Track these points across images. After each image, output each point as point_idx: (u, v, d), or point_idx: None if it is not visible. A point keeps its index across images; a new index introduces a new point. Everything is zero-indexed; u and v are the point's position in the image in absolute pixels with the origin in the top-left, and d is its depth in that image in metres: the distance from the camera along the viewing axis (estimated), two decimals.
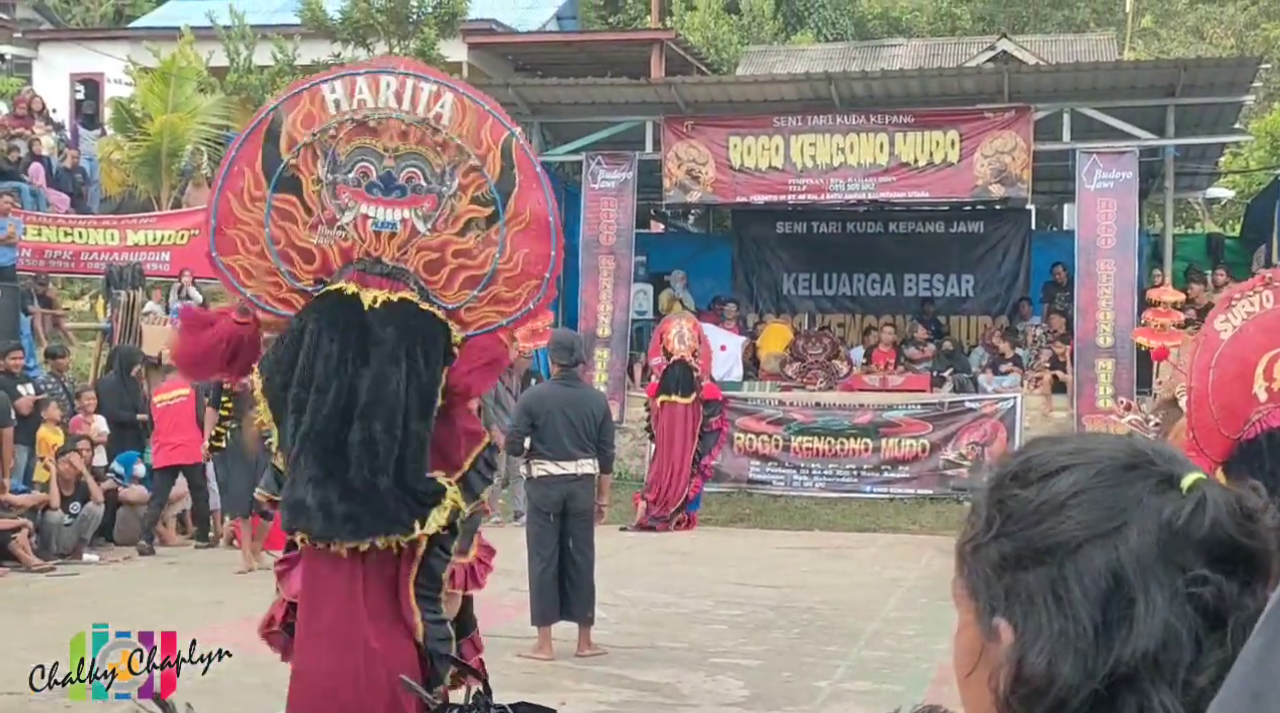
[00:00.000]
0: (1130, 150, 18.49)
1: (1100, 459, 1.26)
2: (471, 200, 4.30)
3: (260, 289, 4.43)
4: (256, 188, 4.41)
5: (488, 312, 4.31)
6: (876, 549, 14.74)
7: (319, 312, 4.30)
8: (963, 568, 1.30)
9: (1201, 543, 1.19)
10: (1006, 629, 1.23)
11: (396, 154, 4.33)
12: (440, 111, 4.33)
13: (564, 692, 8.23)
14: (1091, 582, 1.20)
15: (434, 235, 4.31)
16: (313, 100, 4.40)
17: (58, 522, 13.84)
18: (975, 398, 18.86)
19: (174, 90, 23.74)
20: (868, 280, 23.28)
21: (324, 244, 4.35)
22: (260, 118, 4.55)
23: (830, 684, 8.77)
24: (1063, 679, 1.17)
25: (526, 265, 4.28)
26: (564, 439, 9.64)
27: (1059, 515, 1.23)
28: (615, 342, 19.70)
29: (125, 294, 17.81)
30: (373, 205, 4.33)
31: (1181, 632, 1.17)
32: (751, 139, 19.46)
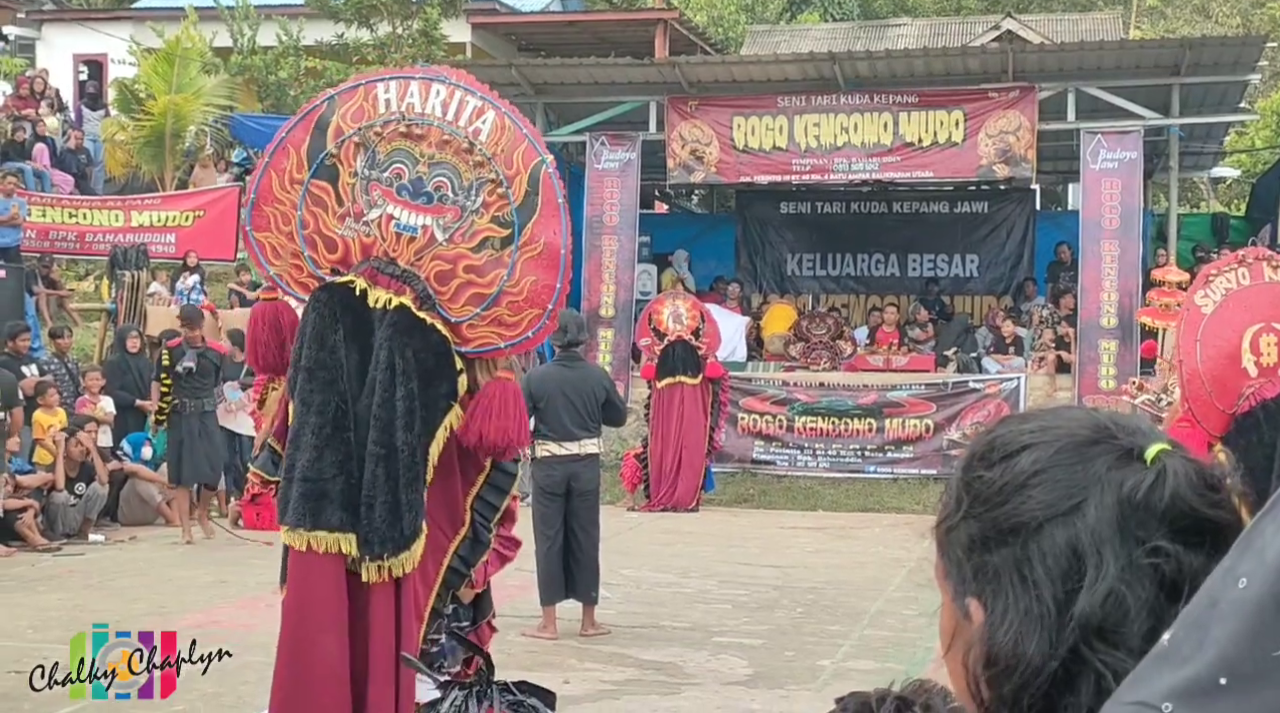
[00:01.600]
0: (1135, 130, 18.44)
1: (1060, 436, 1.26)
2: (492, 219, 4.32)
3: (283, 269, 4.49)
4: (298, 170, 4.48)
5: (488, 332, 4.31)
6: (880, 529, 14.77)
7: (325, 300, 4.31)
8: (940, 549, 1.32)
9: (1163, 515, 1.19)
10: (977, 609, 1.24)
11: (431, 161, 4.37)
12: (480, 127, 4.38)
13: (567, 670, 8.27)
14: (1054, 561, 1.20)
15: (450, 247, 4.34)
16: (366, 96, 4.47)
17: (63, 502, 13.89)
18: (979, 378, 18.86)
19: (178, 71, 23.75)
20: (872, 261, 23.27)
21: (348, 236, 4.39)
22: (315, 104, 4.64)
23: (833, 663, 8.80)
24: (1027, 659, 1.18)
25: (532, 293, 4.29)
26: (565, 420, 9.66)
27: (1021, 495, 1.24)
28: (619, 322, 19.69)
29: (130, 275, 17.84)
30: (399, 207, 4.37)
31: (1131, 600, 1.17)
32: (755, 119, 19.43)
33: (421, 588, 4.24)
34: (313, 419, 4.26)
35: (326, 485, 4.22)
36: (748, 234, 23.53)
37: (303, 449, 4.27)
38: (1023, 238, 22.59)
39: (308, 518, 4.23)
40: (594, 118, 20.18)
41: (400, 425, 4.17)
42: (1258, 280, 5.91)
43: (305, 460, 4.26)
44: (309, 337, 4.32)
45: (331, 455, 4.23)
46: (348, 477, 4.24)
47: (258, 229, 4.53)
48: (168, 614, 10.07)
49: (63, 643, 8.84)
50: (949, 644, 1.30)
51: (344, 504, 4.22)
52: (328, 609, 4.22)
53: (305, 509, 4.24)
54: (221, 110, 24.98)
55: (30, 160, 22.46)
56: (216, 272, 21.48)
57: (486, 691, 3.60)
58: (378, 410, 4.22)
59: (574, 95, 20.58)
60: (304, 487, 4.25)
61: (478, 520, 4.36)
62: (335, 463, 4.24)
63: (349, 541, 4.20)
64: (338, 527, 4.21)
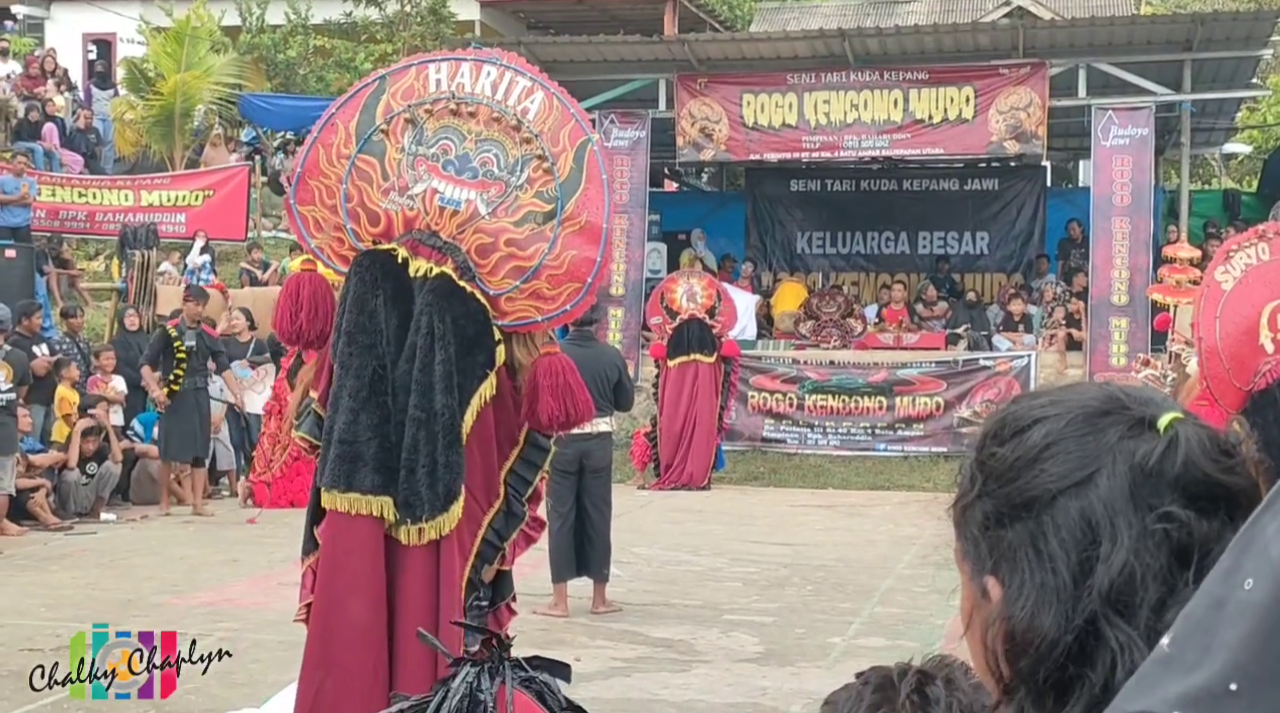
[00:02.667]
0: (1146, 106, 18.36)
1: (1072, 409, 1.25)
2: (535, 194, 4.37)
3: (326, 242, 4.55)
4: (346, 145, 4.54)
5: (526, 305, 4.35)
6: (890, 507, 14.77)
7: (367, 266, 4.36)
8: (957, 529, 1.31)
9: (1175, 482, 1.19)
10: (995, 586, 1.24)
11: (479, 138, 4.42)
12: (528, 106, 4.45)
13: (578, 648, 8.28)
14: (1068, 533, 1.19)
15: (493, 221, 4.38)
16: (418, 76, 4.56)
17: (75, 481, 13.92)
18: (989, 356, 18.83)
19: (187, 50, 23.73)
20: (882, 238, 23.22)
21: (391, 210, 4.45)
22: (367, 82, 4.72)
23: (844, 641, 8.81)
24: (1043, 633, 1.18)
25: (572, 267, 4.33)
26: None
27: (1033, 470, 1.23)
28: (629, 301, 19.69)
29: (140, 254, 17.85)
30: (444, 182, 4.43)
31: (1147, 570, 1.16)
32: (765, 96, 19.37)
33: (459, 558, 4.27)
34: (350, 382, 4.32)
35: (361, 448, 4.27)
36: (758, 212, 23.49)
37: (340, 412, 4.33)
38: (1033, 215, 22.53)
39: (342, 480, 4.29)
40: (603, 95, 20.12)
41: (439, 389, 4.23)
42: (1277, 255, 5.88)
43: (342, 423, 4.31)
44: (350, 301, 4.37)
45: (367, 418, 4.28)
46: (383, 440, 4.28)
47: (302, 203, 4.59)
48: (180, 593, 10.11)
49: (76, 622, 8.90)
50: (968, 623, 1.29)
51: (378, 467, 4.27)
52: (359, 572, 4.27)
53: (340, 471, 4.30)
54: (230, 89, 24.96)
55: (40, 140, 22.47)
56: (226, 251, 21.49)
57: (499, 667, 3.61)
58: (418, 375, 4.27)
59: (583, 73, 20.50)
60: (340, 449, 4.30)
61: (511, 494, 4.39)
62: (371, 426, 4.28)
63: (383, 504, 4.26)
64: (371, 489, 4.26)
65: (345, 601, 4.26)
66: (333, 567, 4.32)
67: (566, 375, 4.39)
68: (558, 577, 9.44)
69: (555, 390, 4.35)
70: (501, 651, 3.63)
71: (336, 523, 4.30)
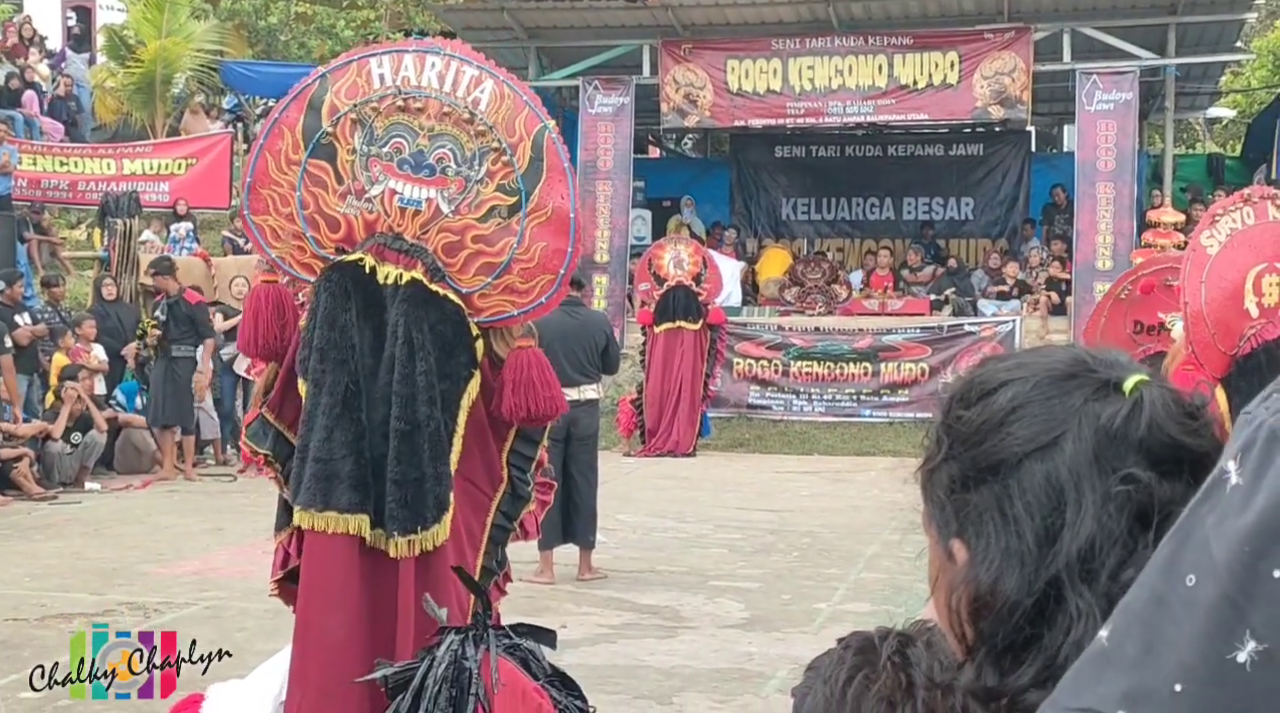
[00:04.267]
0: (1131, 71, 18.35)
1: (1038, 372, 1.25)
2: (497, 188, 4.29)
3: (286, 252, 4.43)
4: (294, 151, 4.42)
5: (500, 300, 4.30)
6: (875, 473, 14.80)
7: (335, 280, 4.28)
8: (924, 493, 1.31)
9: (1140, 444, 1.18)
10: (960, 549, 1.24)
11: (431, 134, 4.33)
12: (479, 96, 4.34)
13: (565, 615, 8.30)
14: (1033, 496, 1.19)
15: (456, 218, 4.30)
16: (359, 72, 4.42)
17: (59, 451, 13.89)
18: (974, 321, 18.85)
19: (167, 17, 23.56)
20: (866, 204, 23.22)
21: (350, 214, 4.35)
22: (306, 83, 4.57)
23: (829, 606, 8.84)
24: (1006, 595, 1.18)
25: (543, 258, 4.27)
26: (566, 366, 9.50)
27: (999, 433, 1.23)
28: (614, 267, 19.66)
29: (122, 223, 17.75)
30: (401, 181, 4.33)
31: (1108, 535, 1.16)
32: (749, 62, 19.31)
33: (470, 551, 4.24)
34: (324, 399, 4.23)
35: (336, 466, 4.19)
36: (742, 178, 23.45)
37: (315, 430, 4.23)
38: (1018, 180, 22.55)
39: (319, 498, 4.20)
40: (587, 62, 20.05)
41: (423, 400, 4.16)
42: (1262, 219, 5.87)
43: (317, 441, 4.23)
44: (320, 318, 4.27)
45: (341, 435, 4.20)
46: (358, 456, 4.21)
47: (255, 213, 4.47)
48: (165, 561, 10.10)
49: (61, 591, 8.91)
50: (934, 586, 1.30)
51: (355, 485, 4.19)
52: (336, 589, 4.21)
53: (316, 490, 4.21)
54: (211, 56, 24.80)
55: (20, 108, 22.31)
56: (209, 219, 21.40)
57: (483, 634, 3.60)
58: (398, 387, 4.19)
59: (566, 39, 20.43)
60: (315, 467, 4.22)
61: (515, 475, 4.36)
62: (345, 443, 4.21)
63: (360, 521, 4.19)
64: (347, 508, 4.19)
65: (321, 618, 4.21)
66: (310, 584, 4.25)
67: (531, 371, 4.32)
68: (543, 544, 9.40)
69: (517, 386, 4.29)
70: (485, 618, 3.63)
71: (313, 542, 4.23)
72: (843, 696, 1.40)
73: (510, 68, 22.25)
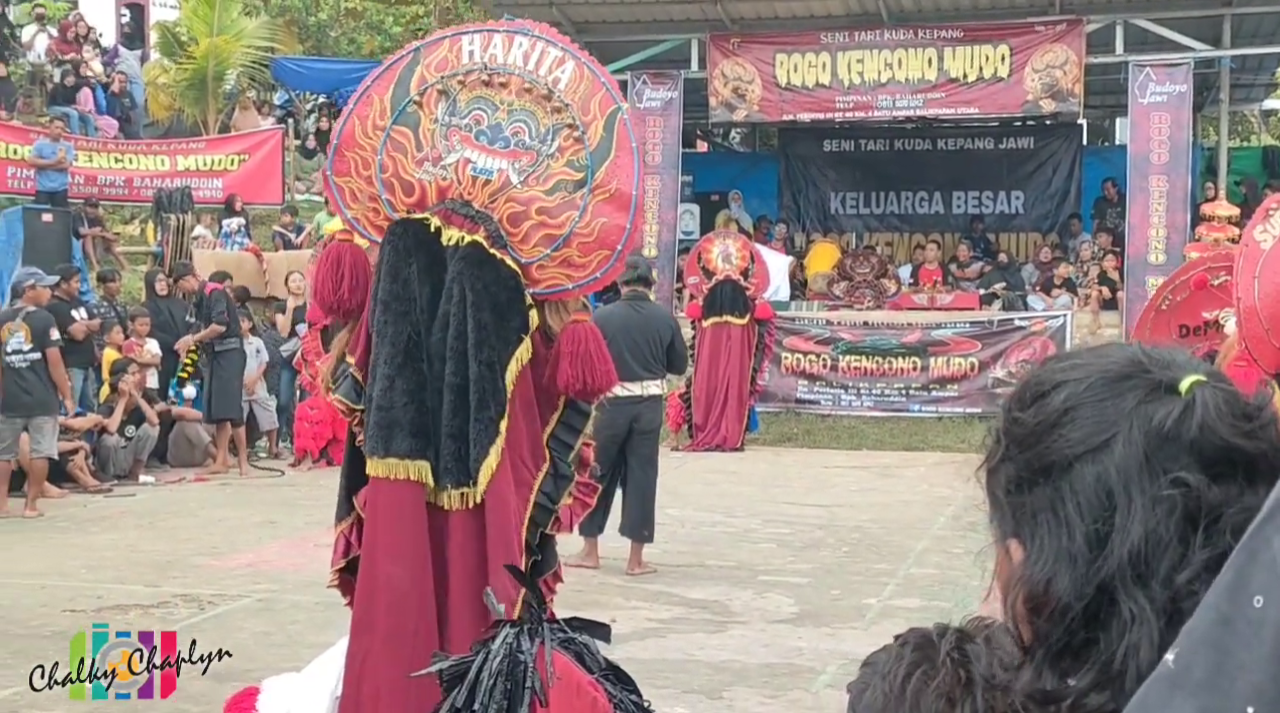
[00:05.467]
0: (1185, 62, 18.18)
1: (1093, 373, 1.25)
2: (566, 163, 4.42)
3: (361, 213, 4.61)
4: (381, 117, 4.60)
5: (557, 273, 4.40)
6: (925, 468, 14.75)
7: (400, 235, 4.42)
8: (986, 493, 1.32)
9: (1192, 446, 1.18)
10: (1017, 549, 1.25)
11: (510, 108, 4.48)
12: (559, 76, 4.49)
13: (614, 609, 8.32)
14: (1084, 498, 1.20)
15: (524, 189, 4.43)
16: (451, 48, 4.62)
17: (114, 444, 14.05)
18: (1024, 316, 18.73)
19: (219, 13, 23.72)
20: (916, 198, 23.11)
21: (425, 180, 4.51)
22: (401, 54, 4.78)
23: (879, 602, 8.81)
24: (1059, 596, 1.19)
25: (602, 234, 4.37)
26: (630, 361, 9.43)
27: (1053, 434, 1.24)
28: (662, 262, 19.66)
29: (175, 218, 17.93)
30: (477, 151, 4.48)
31: (1158, 539, 1.16)
32: (798, 56, 19.27)
33: (516, 521, 4.32)
34: (386, 349, 4.38)
35: (397, 414, 4.33)
36: (791, 172, 23.40)
37: (378, 379, 4.39)
38: (1069, 174, 22.36)
39: (380, 445, 4.35)
40: (635, 56, 20.06)
41: (473, 355, 4.29)
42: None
43: (379, 390, 4.38)
44: (384, 270, 4.42)
45: (403, 384, 4.34)
46: (419, 406, 4.34)
47: (338, 174, 4.66)
48: (219, 554, 10.20)
49: (117, 583, 9.02)
50: (998, 586, 1.31)
51: (414, 432, 4.33)
52: (401, 537, 4.34)
53: (379, 436, 4.36)
54: (262, 53, 24.97)
55: (75, 105, 22.56)
56: (260, 214, 21.56)
57: (538, 628, 3.63)
58: (453, 342, 4.32)
59: (615, 33, 20.44)
60: (378, 415, 4.37)
61: (556, 456, 4.43)
62: (406, 391, 4.34)
63: (420, 468, 4.32)
64: (407, 454, 4.32)
65: (387, 565, 4.33)
66: (374, 531, 4.38)
67: (589, 344, 4.42)
68: (587, 531, 9.41)
69: (575, 358, 4.38)
70: (540, 611, 3.66)
71: (377, 488, 4.36)
72: (901, 692, 1.41)
73: None
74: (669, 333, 9.92)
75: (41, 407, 12.29)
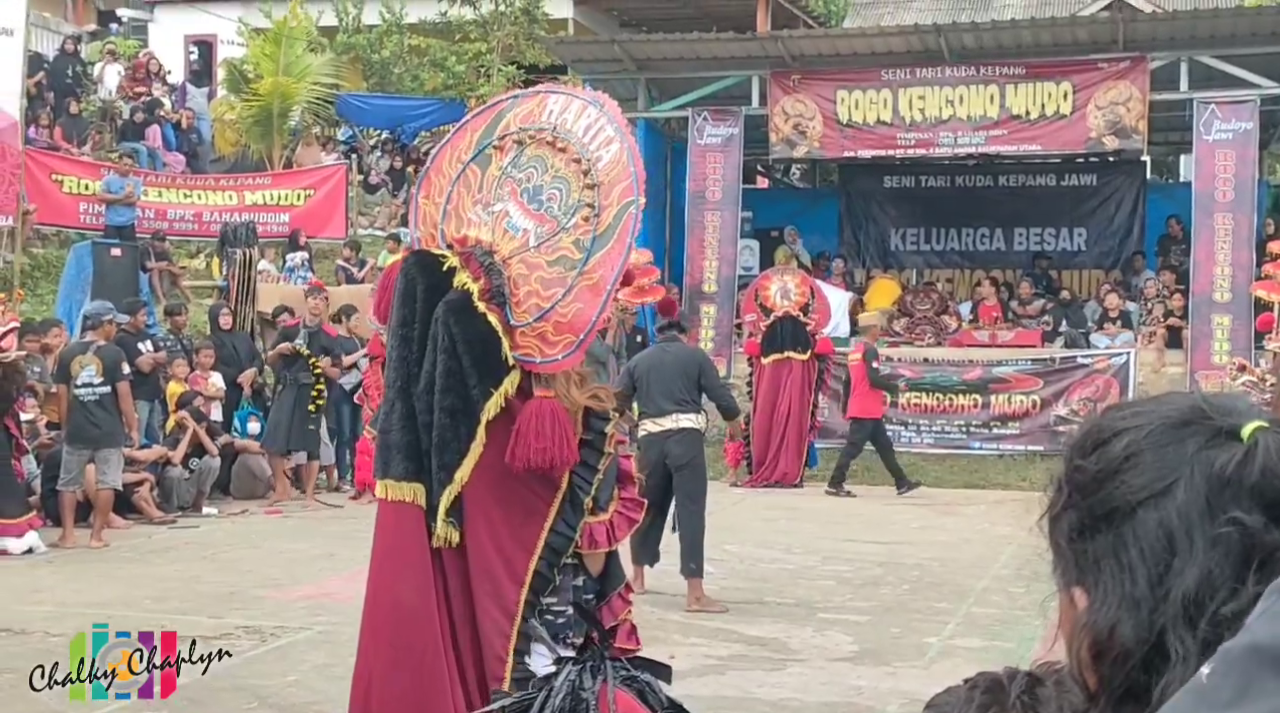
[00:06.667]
0: (1250, 99, 18.03)
1: (1154, 420, 1.26)
2: (573, 241, 4.48)
3: (424, 234, 4.75)
4: (465, 152, 4.76)
5: (531, 344, 4.42)
6: (985, 506, 14.63)
7: (414, 265, 4.52)
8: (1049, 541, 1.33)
9: (1253, 490, 1.19)
10: (1081, 597, 1.26)
11: (556, 174, 4.53)
12: (603, 155, 4.52)
13: (673, 645, 8.30)
14: (1147, 544, 1.21)
15: (536, 255, 4.49)
16: (539, 103, 4.74)
17: (178, 476, 14.19)
18: (1087, 353, 18.57)
19: (285, 51, 24.04)
20: (977, 235, 23.00)
21: (474, 220, 4.59)
22: (503, 97, 4.96)
23: (940, 640, 8.74)
24: (1122, 642, 1.20)
25: (575, 318, 4.39)
26: (658, 397, 9.94)
27: (1114, 481, 1.25)
28: (721, 298, 19.68)
29: (240, 252, 18.14)
30: (516, 206, 4.57)
31: (1214, 578, 1.17)
32: (859, 93, 19.26)
33: (519, 552, 4.33)
34: (391, 374, 4.55)
35: (395, 437, 4.46)
36: (851, 208, 23.37)
37: (383, 403, 4.58)
38: (1132, 211, 22.20)
39: (380, 467, 4.52)
40: (696, 93, 20.13)
41: (438, 400, 4.37)
42: None
43: (383, 414, 4.58)
44: (397, 298, 4.54)
45: (401, 408, 4.46)
46: (413, 431, 4.45)
47: (422, 194, 4.85)
48: (280, 586, 10.27)
49: (180, 614, 9.09)
50: (1063, 633, 1.32)
51: (409, 455, 4.45)
52: (406, 557, 4.42)
53: (379, 459, 4.54)
54: (327, 89, 25.26)
55: (144, 141, 22.93)
56: (323, 249, 21.78)
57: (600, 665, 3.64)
58: (428, 382, 4.43)
59: (676, 70, 20.53)
60: (380, 438, 4.58)
61: (577, 484, 4.44)
62: (402, 416, 4.46)
63: (415, 489, 4.43)
64: (403, 476, 4.43)
65: (392, 583, 4.42)
66: (379, 551, 4.49)
67: (545, 421, 4.35)
68: (636, 560, 9.71)
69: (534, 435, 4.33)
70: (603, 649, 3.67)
71: (381, 509, 4.49)
72: None
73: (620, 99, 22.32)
74: (696, 368, 10.14)
75: (108, 439, 12.46)
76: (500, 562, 4.29)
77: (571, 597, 4.30)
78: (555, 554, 4.37)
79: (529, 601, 4.22)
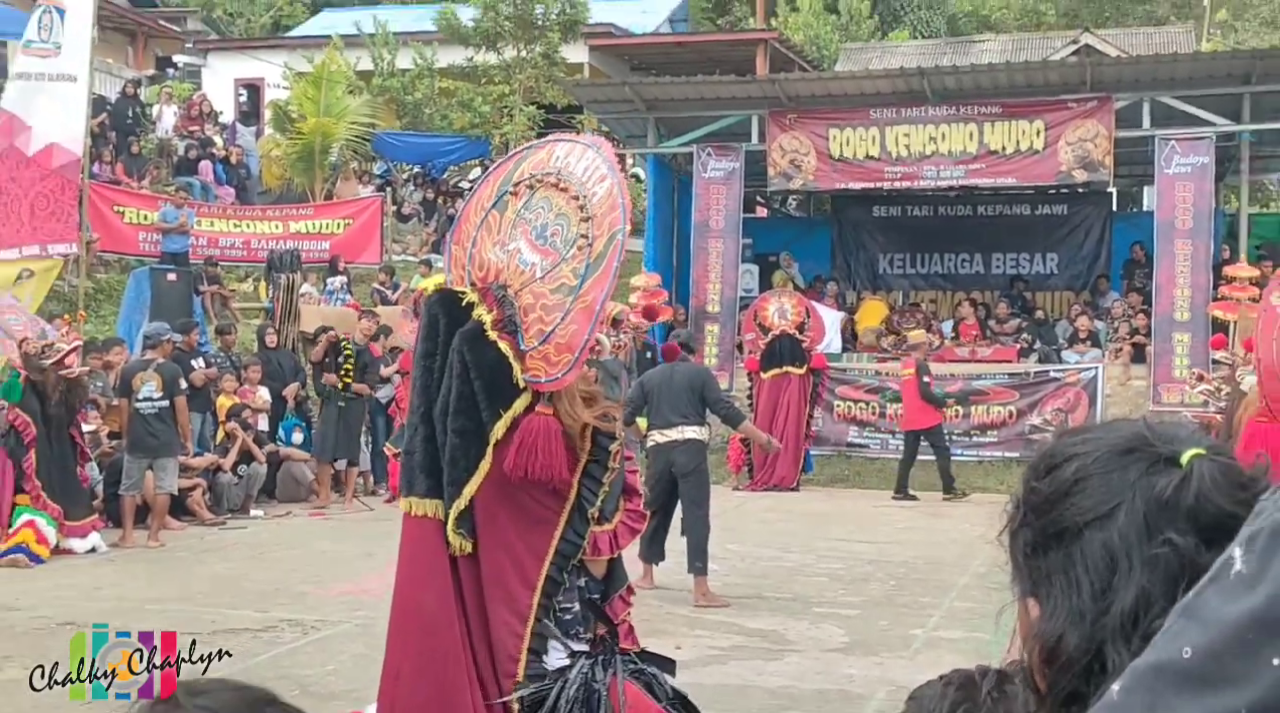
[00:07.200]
0: (1207, 136, 18.00)
1: (1100, 447, 1.27)
2: (571, 270, 4.49)
3: (455, 276, 4.75)
4: (488, 199, 4.75)
5: (537, 365, 4.45)
6: (967, 508, 14.60)
7: (437, 301, 4.54)
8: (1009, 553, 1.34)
9: (1189, 513, 1.19)
10: (1034, 607, 1.27)
11: (559, 212, 4.55)
12: (597, 191, 4.54)
13: (679, 637, 8.30)
14: (1092, 562, 1.21)
15: (540, 285, 4.51)
16: (549, 151, 4.73)
17: (228, 481, 14.21)
18: (1059, 368, 18.57)
19: (325, 93, 24.14)
20: (958, 259, 22.99)
21: (493, 260, 4.61)
22: (519, 150, 4.96)
23: (924, 632, 8.73)
24: (1068, 652, 1.21)
25: (570, 339, 4.40)
26: (664, 410, 9.99)
27: (1064, 503, 1.26)
28: (724, 317, 19.69)
29: (285, 277, 18.18)
30: (526, 243, 4.58)
31: (1149, 595, 1.18)
32: (850, 130, 19.27)
33: (530, 559, 4.34)
34: (415, 400, 4.55)
35: (417, 457, 4.46)
36: (843, 236, 23.37)
37: (408, 426, 4.58)
38: (1100, 238, 22.19)
39: (405, 485, 4.53)
40: (701, 130, 20.16)
41: (450, 422, 4.38)
42: None
43: (408, 435, 4.57)
44: (422, 332, 4.58)
45: (423, 431, 4.47)
46: (433, 452, 4.46)
47: (454, 240, 4.84)
48: (321, 583, 10.28)
49: (231, 608, 9.11)
50: (1020, 638, 1.33)
51: (429, 474, 4.45)
52: (428, 567, 4.44)
53: (404, 478, 4.55)
54: (365, 128, 25.35)
55: (197, 175, 23.02)
56: (360, 274, 21.82)
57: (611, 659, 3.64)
58: (443, 405, 4.44)
59: (682, 110, 20.57)
60: (405, 458, 4.57)
61: (584, 495, 4.44)
62: (424, 438, 4.47)
63: (435, 505, 4.42)
64: (424, 493, 4.43)
65: (417, 591, 4.43)
66: (404, 561, 4.51)
67: (538, 437, 4.36)
68: (645, 558, 9.92)
69: (522, 448, 4.35)
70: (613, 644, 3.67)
71: (406, 523, 4.50)
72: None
73: (631, 136, 22.46)
74: (700, 383, 10.16)
75: (165, 448, 12.50)
76: (512, 568, 4.29)
77: (578, 595, 4.30)
78: (565, 560, 4.38)
79: (542, 604, 4.22)
